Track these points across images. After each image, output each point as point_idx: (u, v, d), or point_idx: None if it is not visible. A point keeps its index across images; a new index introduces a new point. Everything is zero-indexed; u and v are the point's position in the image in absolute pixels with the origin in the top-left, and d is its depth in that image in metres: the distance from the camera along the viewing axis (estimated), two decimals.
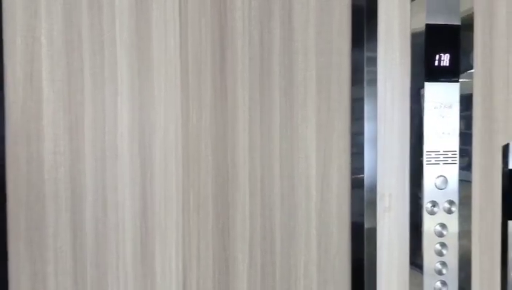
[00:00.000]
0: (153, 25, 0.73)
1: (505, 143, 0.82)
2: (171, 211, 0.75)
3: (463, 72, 0.79)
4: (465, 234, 0.80)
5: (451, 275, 0.78)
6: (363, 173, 0.76)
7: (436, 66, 0.77)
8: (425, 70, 0.77)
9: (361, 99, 0.77)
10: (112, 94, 0.72)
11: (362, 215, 0.76)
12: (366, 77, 0.77)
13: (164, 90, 0.74)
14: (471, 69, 0.80)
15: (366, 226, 0.77)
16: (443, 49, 0.77)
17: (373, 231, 0.77)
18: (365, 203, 0.76)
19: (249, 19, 0.76)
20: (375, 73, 0.77)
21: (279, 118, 0.77)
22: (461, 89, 0.79)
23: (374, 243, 0.77)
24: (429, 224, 0.78)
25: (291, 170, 0.77)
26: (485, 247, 0.81)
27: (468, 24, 0.79)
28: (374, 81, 0.77)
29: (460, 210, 0.79)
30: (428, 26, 0.77)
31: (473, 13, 0.80)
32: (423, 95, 0.77)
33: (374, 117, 0.77)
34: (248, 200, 0.77)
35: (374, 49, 0.77)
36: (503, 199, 0.82)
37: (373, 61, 0.77)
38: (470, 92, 0.80)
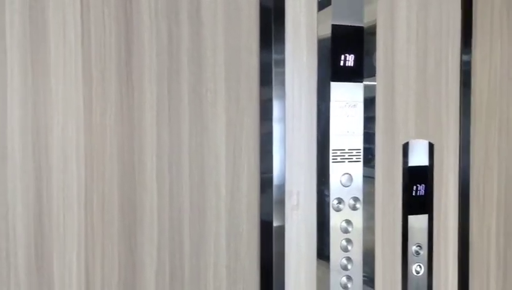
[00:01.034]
0: (50, 13, 0.68)
1: (404, 142, 0.86)
2: (72, 214, 0.69)
3: (367, 73, 0.82)
4: (369, 229, 0.83)
5: (356, 269, 0.81)
6: (271, 172, 0.77)
7: (342, 66, 0.79)
8: (331, 71, 0.79)
9: (270, 98, 0.77)
10: (0, 88, 0.66)
11: (271, 214, 0.77)
12: (274, 76, 0.77)
13: (63, 84, 0.69)
14: (375, 70, 0.83)
15: (274, 224, 0.77)
16: (348, 50, 0.80)
17: (281, 229, 0.77)
18: (274, 202, 0.76)
19: (155, 12, 0.73)
20: (283, 73, 0.78)
21: (188, 115, 0.75)
22: (365, 89, 0.82)
23: (283, 242, 0.77)
24: (335, 221, 0.80)
25: (201, 169, 0.76)
26: (387, 241, 0.85)
27: (372, 27, 0.83)
28: (282, 81, 0.78)
29: (364, 206, 0.82)
30: (334, 26, 0.79)
31: (376, 17, 0.83)
32: (329, 95, 0.79)
33: (282, 116, 0.77)
34: (156, 200, 0.74)
35: (282, 48, 0.77)
36: (404, 194, 0.86)
37: (281, 60, 0.77)
38: (373, 93, 0.83)
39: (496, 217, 1.04)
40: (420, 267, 0.87)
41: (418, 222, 0.87)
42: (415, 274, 0.87)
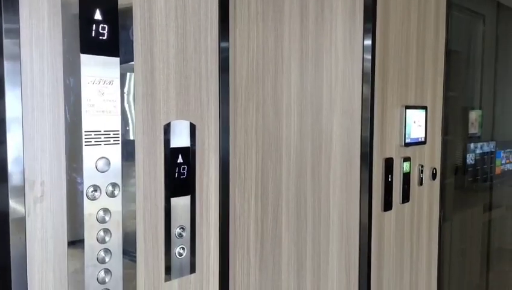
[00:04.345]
0: None
1: (166, 122, 0.83)
2: None
3: (124, 47, 0.75)
4: (129, 216, 0.78)
5: (115, 261, 0.75)
6: (5, 160, 0.63)
7: (94, 37, 0.70)
8: (80, 42, 0.69)
9: (1, 73, 0.62)
10: None
11: (6, 208, 0.63)
12: (5, 46, 0.63)
13: None
14: (132, 44, 0.77)
15: (11, 220, 0.64)
16: (101, 19, 0.71)
17: (21, 225, 0.65)
18: (10, 195, 0.63)
19: None
20: (17, 43, 0.64)
21: None
22: (123, 65, 0.75)
23: (23, 240, 0.65)
24: (90, 210, 0.72)
25: None
26: (149, 227, 0.81)
27: None
28: (16, 52, 0.64)
29: (124, 192, 0.76)
30: None
31: None
32: (79, 70, 0.69)
33: (18, 94, 0.64)
34: None
35: (15, 13, 0.63)
36: (166, 177, 0.83)
37: (14, 27, 0.64)
38: (132, 69, 0.77)
39: (254, 191, 1.12)
40: (183, 249, 0.86)
41: (181, 204, 0.85)
42: (178, 257, 0.85)
